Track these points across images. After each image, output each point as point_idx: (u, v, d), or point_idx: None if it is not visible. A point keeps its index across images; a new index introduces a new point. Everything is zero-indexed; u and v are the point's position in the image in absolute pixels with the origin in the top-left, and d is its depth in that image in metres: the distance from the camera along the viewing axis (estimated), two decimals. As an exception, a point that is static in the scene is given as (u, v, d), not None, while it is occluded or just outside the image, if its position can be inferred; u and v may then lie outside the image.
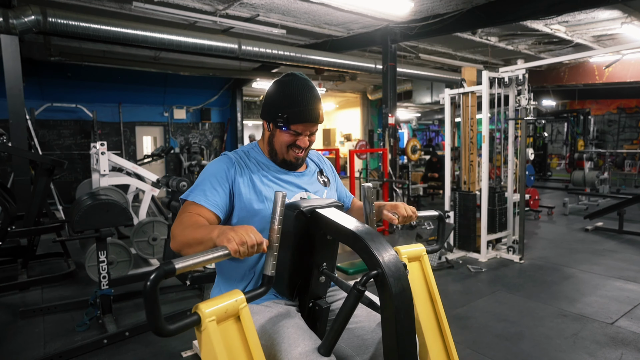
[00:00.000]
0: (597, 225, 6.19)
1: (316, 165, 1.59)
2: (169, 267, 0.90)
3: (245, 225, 1.08)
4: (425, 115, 15.97)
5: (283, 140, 1.40)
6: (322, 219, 1.20)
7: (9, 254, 4.38)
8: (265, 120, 1.44)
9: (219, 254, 1.00)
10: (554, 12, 5.33)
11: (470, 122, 4.88)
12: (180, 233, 1.20)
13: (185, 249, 1.17)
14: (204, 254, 0.98)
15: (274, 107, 1.38)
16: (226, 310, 1.01)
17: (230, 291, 1.06)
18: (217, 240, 1.05)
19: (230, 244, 1.01)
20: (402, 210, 1.44)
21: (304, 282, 1.30)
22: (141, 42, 5.65)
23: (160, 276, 0.89)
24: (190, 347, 2.79)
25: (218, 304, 1.00)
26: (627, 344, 2.77)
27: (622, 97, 12.65)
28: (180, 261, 0.93)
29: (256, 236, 1.05)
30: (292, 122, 1.35)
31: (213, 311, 0.98)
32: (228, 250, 1.01)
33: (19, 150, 4.60)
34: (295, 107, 1.34)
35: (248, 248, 1.02)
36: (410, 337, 1.02)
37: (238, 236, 1.02)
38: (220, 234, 1.06)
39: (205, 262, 0.98)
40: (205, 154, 10.93)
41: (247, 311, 1.05)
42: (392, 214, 1.44)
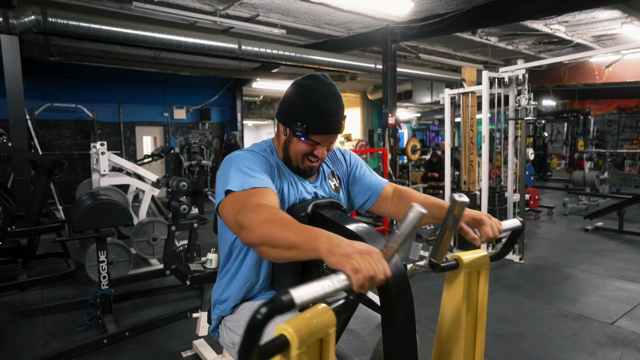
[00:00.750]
0: (597, 225, 6.18)
1: (328, 167, 1.46)
2: (287, 299, 0.72)
3: (369, 247, 0.84)
4: (425, 115, 15.96)
5: (300, 149, 1.28)
6: (322, 218, 1.20)
7: (9, 254, 4.38)
8: (281, 123, 1.32)
9: (341, 287, 0.79)
10: (554, 12, 5.32)
11: (470, 122, 4.88)
12: (260, 225, 0.97)
13: (267, 247, 0.97)
14: (325, 286, 0.77)
15: (293, 113, 1.26)
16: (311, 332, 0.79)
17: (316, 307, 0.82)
18: (330, 257, 0.83)
19: (357, 275, 0.78)
20: (488, 229, 1.20)
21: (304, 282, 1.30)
22: (141, 42, 5.64)
23: (275, 311, 0.70)
24: (190, 347, 2.80)
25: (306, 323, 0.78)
26: (627, 344, 2.77)
27: (622, 97, 12.64)
28: (300, 293, 0.74)
29: (385, 268, 0.82)
30: (312, 133, 1.24)
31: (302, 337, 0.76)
32: (350, 283, 0.79)
33: (19, 150, 4.60)
34: (317, 117, 1.22)
35: (373, 284, 0.81)
36: (411, 337, 1.02)
37: (366, 266, 0.79)
38: (335, 248, 0.83)
39: (326, 296, 0.78)
40: (205, 154, 10.93)
41: (333, 337, 0.83)
42: (474, 230, 1.22)
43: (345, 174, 1.49)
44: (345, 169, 1.49)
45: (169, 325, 3.11)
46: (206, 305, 2.58)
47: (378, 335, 1.28)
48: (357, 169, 1.49)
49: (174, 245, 3.89)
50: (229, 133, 11.53)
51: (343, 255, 0.80)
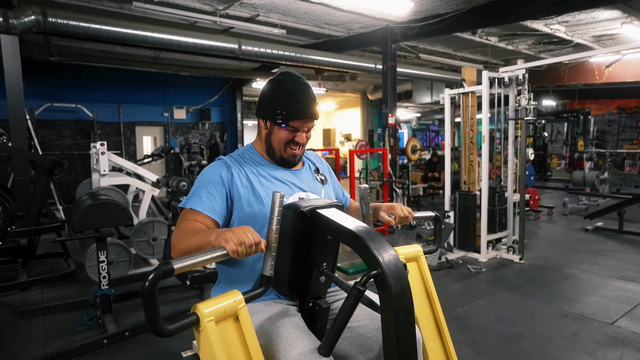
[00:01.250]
0: (597, 225, 6.19)
1: (312, 164, 1.60)
2: (167, 268, 0.91)
3: (243, 226, 1.08)
4: (425, 115, 15.97)
5: (281, 137, 1.41)
6: (322, 219, 1.20)
7: (9, 254, 4.37)
8: (261, 119, 1.45)
9: (217, 254, 1.00)
10: (554, 12, 5.33)
11: (470, 122, 4.88)
12: (179, 241, 1.20)
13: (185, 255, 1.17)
14: (202, 255, 0.98)
15: (271, 104, 1.39)
16: (225, 311, 1.01)
17: (229, 291, 1.07)
18: (215, 242, 1.06)
19: (228, 244, 1.01)
20: (398, 211, 1.46)
21: (304, 282, 1.30)
22: (141, 42, 5.65)
23: (158, 276, 0.89)
24: (190, 347, 2.79)
25: (217, 304, 1.00)
26: (627, 344, 2.77)
27: (622, 97, 12.64)
28: (179, 261, 0.93)
29: (254, 236, 1.05)
30: (291, 119, 1.37)
31: (212, 311, 0.98)
32: (226, 250, 1.01)
33: (19, 150, 4.60)
34: (293, 104, 1.37)
35: (246, 248, 1.03)
36: (411, 337, 1.02)
37: (236, 236, 1.03)
38: (218, 235, 1.06)
39: (204, 263, 0.98)
40: (205, 154, 10.93)
41: (245, 311, 1.05)
42: (389, 215, 1.46)
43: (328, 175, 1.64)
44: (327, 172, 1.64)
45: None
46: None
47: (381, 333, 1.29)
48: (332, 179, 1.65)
49: (174, 245, 3.88)
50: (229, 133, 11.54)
51: (221, 235, 1.05)
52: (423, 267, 1.41)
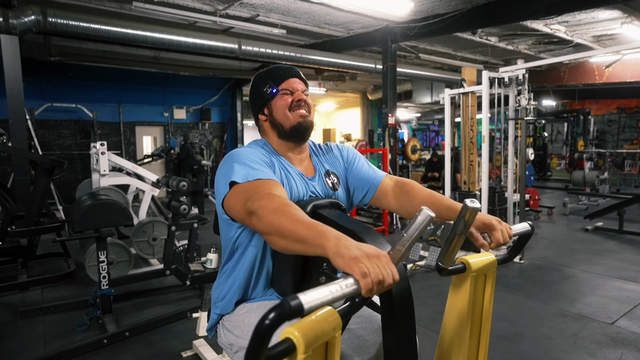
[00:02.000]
0: (597, 225, 6.18)
1: (323, 166, 1.45)
2: (295, 304, 0.70)
3: (377, 251, 0.82)
4: (425, 115, 15.97)
5: (281, 104, 1.35)
6: (322, 218, 1.20)
7: (9, 254, 4.38)
8: (259, 114, 1.40)
9: (349, 291, 0.77)
10: (554, 12, 5.32)
11: (470, 122, 4.88)
12: (270, 214, 0.97)
13: (275, 236, 0.97)
14: (333, 290, 0.76)
15: (258, 89, 1.38)
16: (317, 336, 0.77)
17: (325, 311, 0.80)
18: (337, 259, 0.81)
19: (365, 279, 0.77)
20: (498, 235, 1.16)
21: (304, 282, 1.30)
22: (141, 42, 5.65)
23: (284, 316, 0.69)
24: (190, 347, 2.80)
25: (312, 327, 0.76)
26: (627, 344, 2.77)
27: (622, 97, 12.65)
28: (308, 298, 0.72)
29: (393, 272, 0.80)
30: (278, 82, 1.35)
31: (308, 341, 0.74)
32: (358, 287, 0.78)
33: (19, 150, 4.60)
34: (274, 72, 1.38)
35: (382, 288, 0.79)
36: (411, 338, 1.02)
37: (375, 270, 0.78)
38: (343, 250, 0.81)
39: (334, 301, 0.76)
40: (205, 154, 10.93)
41: (339, 340, 0.83)
42: (482, 235, 1.18)
43: (342, 170, 1.48)
44: (342, 166, 1.48)
45: (169, 325, 3.11)
46: (206, 305, 2.58)
47: (379, 335, 1.28)
48: (354, 164, 1.48)
49: (174, 245, 3.89)
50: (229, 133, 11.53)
51: (351, 259, 0.79)
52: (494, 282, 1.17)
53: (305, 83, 1.40)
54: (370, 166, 1.49)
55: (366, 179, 1.45)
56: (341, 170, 1.48)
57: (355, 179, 1.46)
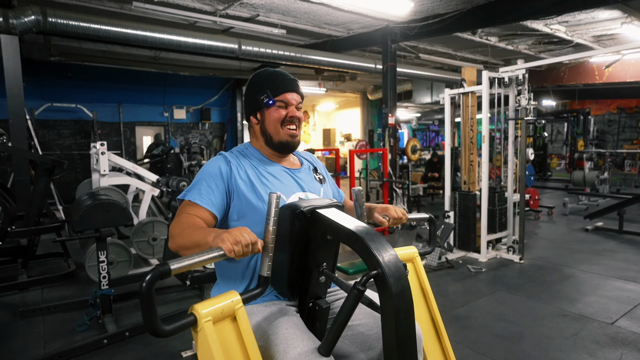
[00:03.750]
0: (597, 225, 6.18)
1: (310, 164, 1.60)
2: (164, 268, 0.91)
3: (239, 227, 1.09)
4: (425, 115, 15.97)
5: (274, 117, 1.42)
6: (322, 219, 1.20)
7: (9, 254, 4.37)
8: (251, 115, 1.47)
9: (214, 255, 1.01)
10: (554, 12, 5.33)
11: (470, 122, 4.88)
12: (178, 234, 1.21)
13: (183, 251, 1.18)
14: (199, 255, 0.99)
15: (255, 93, 1.43)
16: (222, 311, 1.02)
17: (226, 292, 1.08)
18: (212, 242, 1.06)
19: (225, 244, 1.03)
20: (392, 212, 1.48)
21: (304, 282, 1.30)
22: (141, 42, 5.65)
23: (155, 277, 0.90)
24: (190, 347, 2.80)
25: (214, 304, 1.01)
26: (627, 344, 2.77)
27: (622, 97, 12.65)
28: (176, 262, 0.94)
29: (250, 236, 1.06)
30: (277, 94, 1.41)
31: (209, 312, 0.99)
32: (223, 250, 1.02)
33: (19, 150, 4.60)
34: (274, 81, 1.42)
35: (242, 247, 1.04)
36: (411, 338, 1.02)
37: (232, 236, 1.04)
38: (215, 236, 1.07)
39: (201, 263, 0.99)
40: (205, 154, 10.93)
41: (243, 312, 1.06)
42: (383, 217, 1.48)
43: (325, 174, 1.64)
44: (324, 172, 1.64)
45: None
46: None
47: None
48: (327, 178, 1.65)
49: (174, 245, 3.88)
50: (229, 133, 11.51)
51: (218, 236, 1.06)
52: (419, 268, 1.43)
53: (302, 96, 1.48)
54: (336, 185, 1.72)
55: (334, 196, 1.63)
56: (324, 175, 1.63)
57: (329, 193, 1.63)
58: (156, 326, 0.91)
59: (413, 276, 1.41)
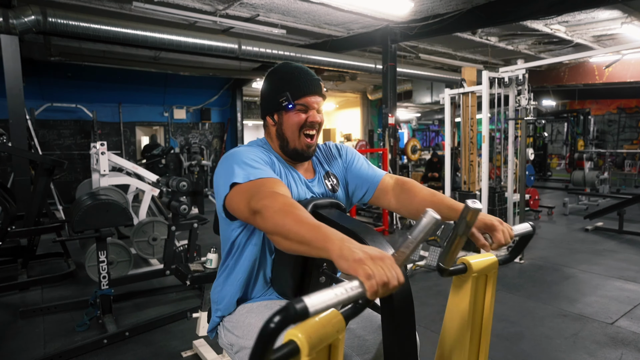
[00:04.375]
0: (597, 225, 6.18)
1: (322, 168, 1.46)
2: (301, 307, 0.68)
3: (382, 253, 0.81)
4: (425, 115, 15.97)
5: (293, 121, 1.30)
6: (322, 218, 1.20)
7: (9, 254, 4.37)
8: (268, 115, 1.35)
9: (354, 294, 0.76)
10: (554, 12, 5.32)
11: (470, 122, 4.88)
12: (275, 214, 0.96)
13: (279, 237, 0.96)
14: (339, 293, 0.74)
15: (274, 93, 1.31)
16: (320, 340, 0.76)
17: (328, 312, 0.79)
18: (341, 262, 0.80)
19: (370, 282, 0.76)
20: (500, 236, 1.16)
21: (305, 282, 1.30)
22: (141, 42, 5.64)
23: (289, 320, 0.68)
24: (190, 347, 2.80)
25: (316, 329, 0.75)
26: (627, 344, 2.77)
27: (622, 97, 12.64)
28: (314, 302, 0.70)
29: (398, 275, 0.79)
30: (297, 97, 1.28)
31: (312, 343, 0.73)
32: (363, 289, 0.77)
33: (19, 150, 4.60)
34: (296, 81, 1.29)
35: (387, 291, 0.79)
36: (411, 338, 1.02)
37: (379, 273, 0.77)
38: (346, 252, 0.80)
39: (339, 304, 0.75)
40: (205, 154, 10.93)
41: (342, 342, 0.83)
42: (485, 236, 1.18)
43: (342, 170, 1.48)
44: (341, 166, 1.48)
45: (169, 325, 3.11)
46: (206, 305, 2.58)
47: (379, 334, 1.28)
48: (353, 163, 1.48)
49: (174, 245, 3.89)
50: (229, 133, 11.51)
51: (355, 261, 0.78)
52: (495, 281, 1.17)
53: (324, 97, 1.35)
54: (370, 165, 1.49)
55: (366, 177, 1.45)
56: (340, 170, 1.48)
57: (354, 178, 1.46)
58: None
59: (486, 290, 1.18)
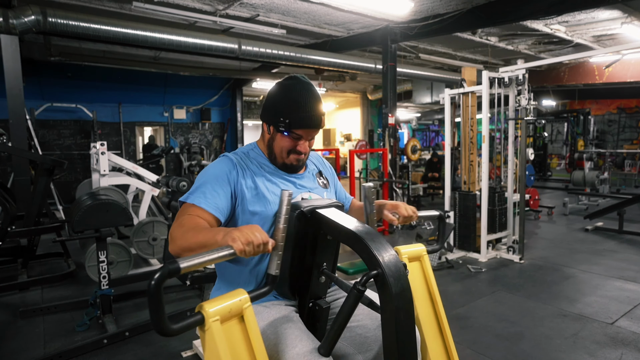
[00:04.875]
0: (597, 225, 6.18)
1: (315, 167, 1.57)
2: (173, 267, 0.89)
3: (250, 225, 1.06)
4: (425, 115, 15.97)
5: (283, 144, 1.37)
6: (322, 219, 1.20)
7: (9, 254, 4.37)
8: (265, 123, 1.42)
9: (225, 253, 0.98)
10: (554, 12, 5.32)
11: (470, 122, 4.88)
12: (180, 236, 1.16)
13: (186, 253, 1.13)
14: (209, 253, 0.96)
15: (275, 110, 1.35)
16: (230, 310, 1.00)
17: (233, 290, 1.05)
18: (221, 241, 1.03)
19: (236, 243, 0.99)
20: (402, 210, 1.43)
21: (304, 282, 1.30)
22: (141, 42, 5.64)
23: (164, 275, 0.88)
24: (190, 347, 2.79)
25: (222, 303, 0.99)
26: (627, 344, 2.77)
27: (622, 97, 12.65)
28: (185, 260, 0.91)
29: (262, 235, 1.03)
30: (294, 127, 1.33)
31: (217, 311, 0.97)
32: (233, 249, 0.99)
33: (19, 150, 4.60)
34: (298, 112, 1.32)
35: (254, 247, 1.01)
36: (411, 338, 1.02)
37: (244, 235, 1.01)
38: (225, 234, 1.04)
39: (211, 262, 0.96)
40: (205, 154, 10.94)
41: (250, 311, 1.04)
42: (393, 214, 1.43)
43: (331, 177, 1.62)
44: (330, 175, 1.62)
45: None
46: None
47: (380, 332, 1.28)
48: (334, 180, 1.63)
49: (174, 245, 3.88)
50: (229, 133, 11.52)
51: (228, 234, 1.02)
52: (426, 267, 1.40)
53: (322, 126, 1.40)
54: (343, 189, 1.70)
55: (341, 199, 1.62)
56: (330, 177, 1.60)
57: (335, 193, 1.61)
58: (164, 325, 0.90)
59: (420, 275, 1.38)
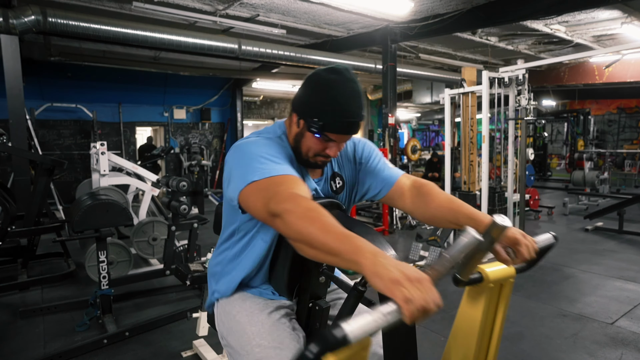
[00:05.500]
0: (597, 225, 6.18)
1: (332, 168, 1.37)
2: (341, 336, 0.66)
3: (416, 271, 0.78)
4: (425, 115, 15.97)
5: (312, 145, 1.20)
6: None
7: (9, 254, 4.37)
8: (296, 114, 1.22)
9: (392, 319, 0.73)
10: (554, 12, 5.32)
11: (470, 122, 4.88)
12: (297, 220, 0.90)
13: (304, 245, 0.90)
14: (377, 318, 0.72)
15: (310, 107, 1.17)
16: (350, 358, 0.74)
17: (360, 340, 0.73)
18: (375, 280, 0.76)
19: (409, 306, 0.72)
20: (523, 250, 1.10)
21: (304, 282, 1.30)
22: (141, 42, 5.64)
23: (328, 349, 0.66)
24: (190, 347, 2.80)
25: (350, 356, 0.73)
26: (627, 344, 2.77)
27: (622, 97, 12.64)
28: (354, 329, 0.68)
29: (436, 299, 0.77)
30: (327, 130, 1.16)
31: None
32: (402, 313, 0.73)
33: (19, 150, 4.60)
34: (335, 115, 1.14)
35: (425, 316, 0.75)
36: (410, 339, 1.02)
37: (417, 296, 0.74)
38: (381, 270, 0.76)
39: (378, 328, 0.73)
40: (205, 154, 10.93)
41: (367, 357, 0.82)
42: (507, 251, 1.12)
43: (352, 170, 1.41)
44: (352, 165, 1.41)
45: (169, 325, 3.11)
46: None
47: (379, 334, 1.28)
48: (369, 161, 1.40)
49: (174, 245, 3.89)
50: (229, 133, 11.52)
51: (392, 281, 0.74)
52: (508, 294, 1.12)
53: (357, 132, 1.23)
54: (386, 164, 1.42)
55: (381, 177, 1.38)
56: (351, 170, 1.40)
57: (369, 177, 1.39)
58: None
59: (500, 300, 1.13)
